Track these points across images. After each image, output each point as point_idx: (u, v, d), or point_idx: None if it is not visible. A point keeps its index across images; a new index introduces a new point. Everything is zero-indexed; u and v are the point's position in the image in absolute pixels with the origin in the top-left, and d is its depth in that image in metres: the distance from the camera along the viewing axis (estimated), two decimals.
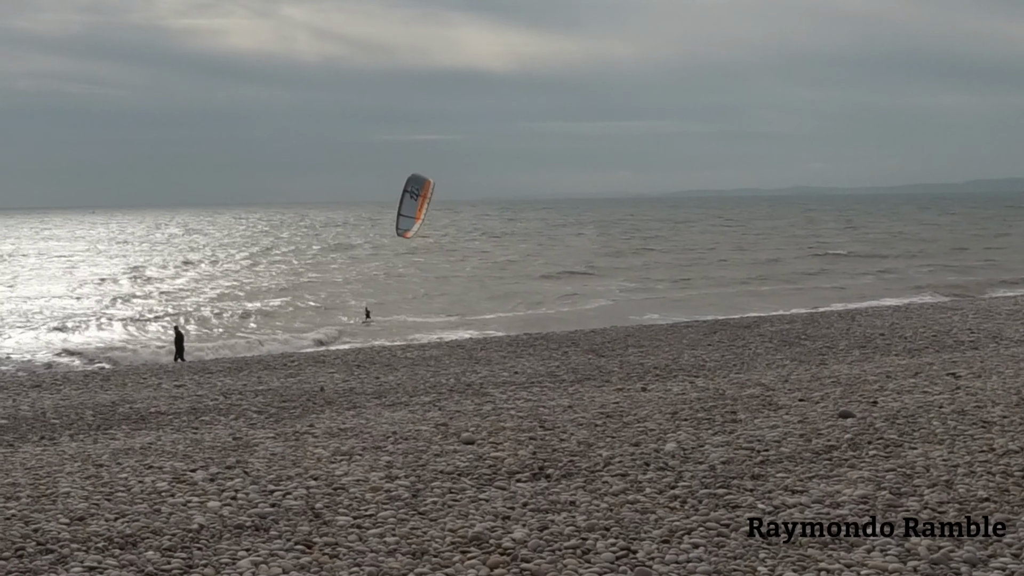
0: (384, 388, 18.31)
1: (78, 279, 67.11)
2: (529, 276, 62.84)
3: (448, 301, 49.14)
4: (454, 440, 12.29)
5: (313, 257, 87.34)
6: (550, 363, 21.36)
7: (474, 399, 16.49)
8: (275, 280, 63.42)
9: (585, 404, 15.07)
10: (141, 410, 16.69)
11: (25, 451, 13.24)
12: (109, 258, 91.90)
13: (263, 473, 10.74)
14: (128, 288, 60.28)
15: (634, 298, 49.56)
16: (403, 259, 78.38)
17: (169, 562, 7.94)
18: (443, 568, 7.75)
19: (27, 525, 8.98)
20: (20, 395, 19.19)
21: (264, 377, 20.66)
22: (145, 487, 10.30)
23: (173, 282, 64.20)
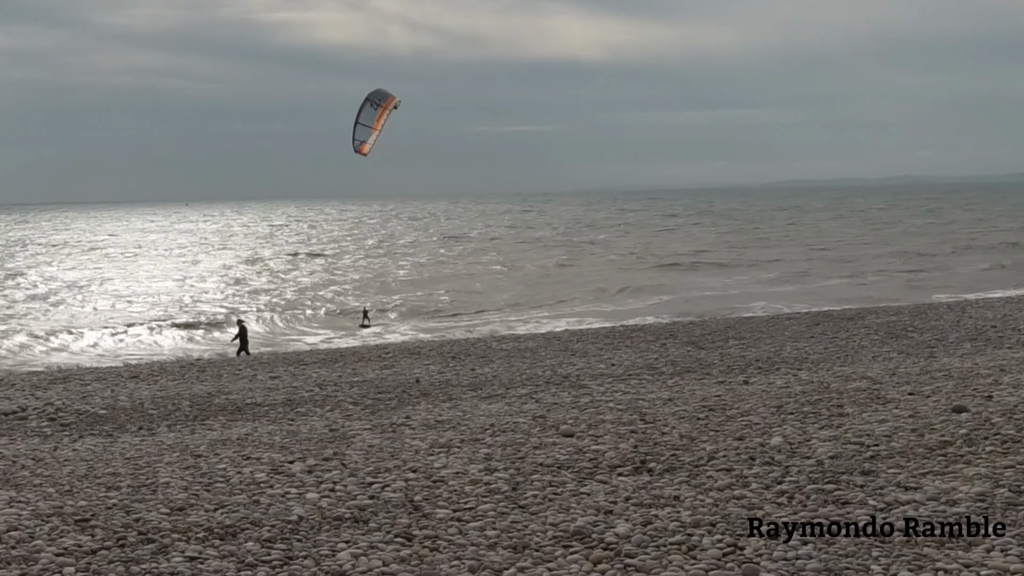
0: (480, 380, 18.34)
1: (198, 271, 67.84)
2: (640, 267, 62.46)
3: (551, 292, 48.88)
4: (553, 433, 12.25)
5: (432, 249, 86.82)
6: (648, 355, 21.22)
7: (571, 391, 16.44)
8: (406, 272, 62.86)
9: (686, 397, 14.94)
10: (237, 401, 16.90)
11: (124, 441, 13.48)
12: (223, 250, 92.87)
13: (361, 465, 10.80)
14: (254, 280, 60.75)
15: (744, 290, 48.99)
16: (518, 250, 77.78)
17: (269, 553, 8.01)
18: (545, 563, 7.71)
19: (128, 515, 9.13)
20: (118, 386, 19.56)
21: (359, 368, 20.82)
22: (243, 478, 10.43)
23: (292, 274, 64.62)
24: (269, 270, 69.31)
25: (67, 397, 18.02)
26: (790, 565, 7.45)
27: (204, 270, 69.26)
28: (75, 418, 15.71)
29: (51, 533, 8.63)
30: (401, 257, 77.90)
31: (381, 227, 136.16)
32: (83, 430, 14.66)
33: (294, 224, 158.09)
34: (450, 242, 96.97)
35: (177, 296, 51.69)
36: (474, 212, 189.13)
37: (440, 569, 7.60)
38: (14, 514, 9.21)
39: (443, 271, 64.51)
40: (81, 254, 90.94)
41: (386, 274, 63.07)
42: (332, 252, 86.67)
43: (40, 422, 15.47)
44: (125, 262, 78.32)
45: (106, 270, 70.45)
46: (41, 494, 10.04)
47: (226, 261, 76.86)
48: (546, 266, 65.58)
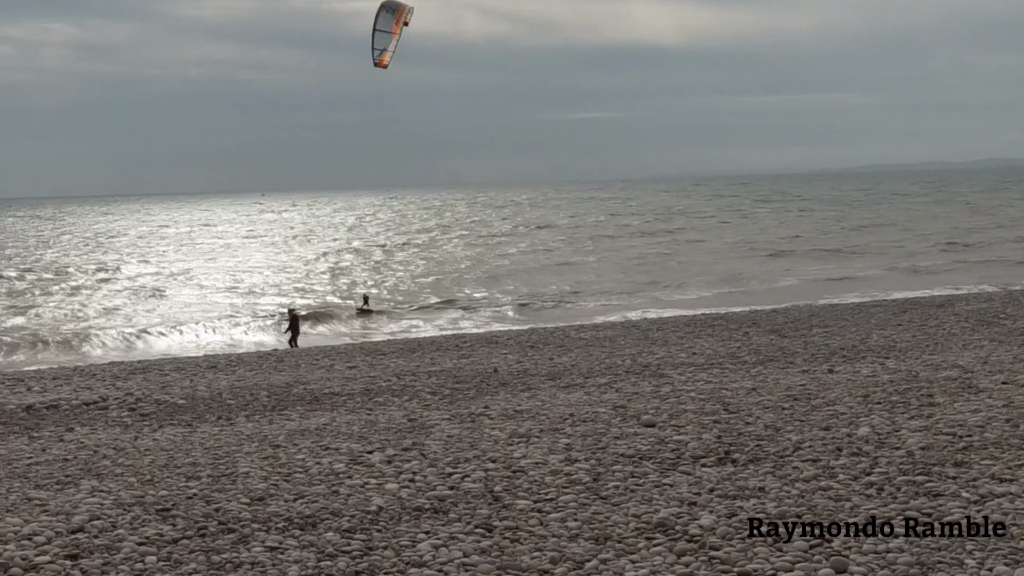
0: (558, 369, 18.31)
1: (289, 261, 68.04)
2: (732, 255, 61.75)
3: (636, 282, 48.54)
4: (634, 423, 12.20)
5: (526, 237, 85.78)
6: (730, 344, 21.04)
7: (652, 381, 16.34)
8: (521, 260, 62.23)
9: (769, 386, 14.79)
10: (315, 391, 17.03)
11: (203, 431, 13.65)
12: (312, 240, 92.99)
13: (440, 455, 10.84)
14: (351, 269, 60.85)
15: (834, 277, 48.31)
16: (614, 238, 76.83)
17: (349, 544, 8.07)
18: (628, 554, 7.68)
19: (208, 504, 9.25)
20: (197, 376, 19.82)
21: (436, 358, 20.89)
22: (322, 468, 10.51)
23: (391, 263, 64.59)
24: (365, 259, 68.98)
25: (146, 387, 18.29)
26: (880, 558, 7.34)
27: (295, 260, 69.26)
28: (155, 408, 15.93)
29: (133, 522, 8.78)
30: (497, 246, 77.09)
31: (468, 215, 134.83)
32: (162, 420, 14.87)
33: (380, 213, 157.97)
34: (543, 231, 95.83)
35: (265, 286, 52.09)
36: (558, 200, 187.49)
37: (521, 560, 7.60)
38: (96, 503, 9.39)
39: (547, 259, 63.46)
40: (167, 244, 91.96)
41: (485, 262, 62.52)
42: (423, 241, 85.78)
43: (121, 412, 15.71)
44: (214, 253, 78.88)
45: (196, 261, 71.11)
46: (123, 483, 10.21)
47: (318, 250, 76.93)
48: (644, 255, 64.67)
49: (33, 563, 7.80)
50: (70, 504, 9.39)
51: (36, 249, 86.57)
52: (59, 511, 9.16)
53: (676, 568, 7.42)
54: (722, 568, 7.39)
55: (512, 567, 7.50)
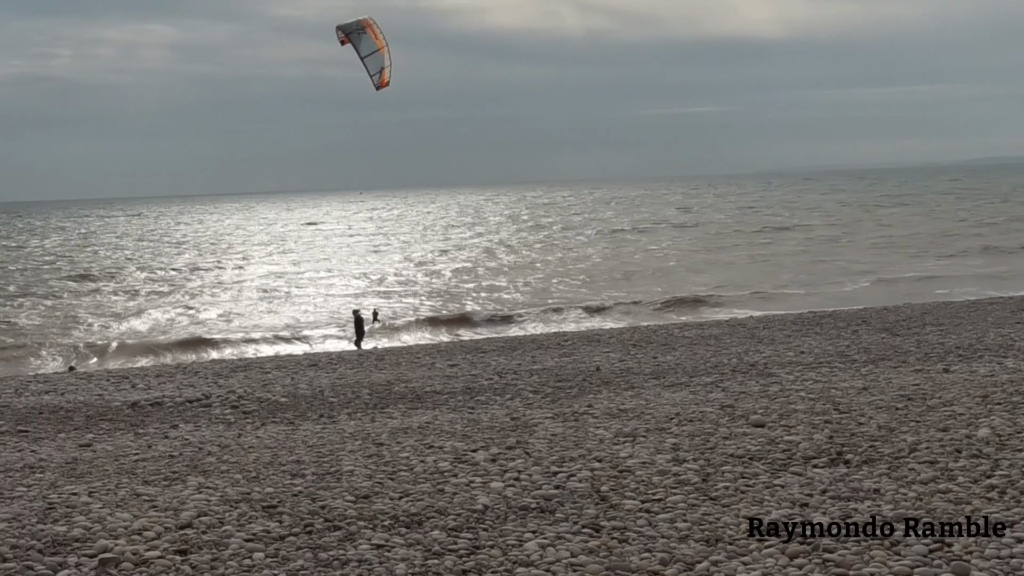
0: (662, 368, 18.24)
1: (399, 260, 67.85)
2: (847, 251, 60.44)
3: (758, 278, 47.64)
4: (742, 422, 12.12)
5: (655, 235, 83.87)
6: (839, 342, 20.77)
7: (759, 380, 16.20)
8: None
9: (881, 386, 14.58)
10: (416, 389, 17.18)
11: (306, 429, 13.85)
12: (421, 239, 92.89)
13: (545, 454, 10.88)
14: (468, 268, 60.40)
15: (953, 274, 47.19)
16: (753, 236, 75.00)
17: (456, 542, 8.14)
18: (739, 556, 7.64)
19: (314, 502, 9.40)
20: (298, 374, 20.11)
21: (538, 356, 20.94)
22: (427, 467, 10.61)
23: (512, 262, 63.97)
24: (491, 256, 68.26)
25: (248, 385, 18.61)
26: (1004, 564, 7.21)
27: (406, 258, 68.71)
28: (257, 406, 16.20)
29: (239, 519, 8.95)
30: (625, 244, 75.54)
31: (583, 212, 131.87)
32: (265, 418, 15.11)
33: (487, 209, 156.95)
34: (672, 228, 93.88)
35: (377, 284, 52.31)
36: (668, 195, 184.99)
37: (630, 561, 7.60)
38: (203, 500, 9.59)
39: (688, 259, 61.45)
40: (276, 243, 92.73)
41: (618, 260, 61.08)
42: (548, 238, 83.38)
43: (223, 409, 16.00)
44: (323, 251, 79.29)
45: (307, 260, 71.60)
46: (228, 480, 10.41)
47: (429, 248, 76.67)
48: (778, 253, 62.68)
49: (144, 558, 7.99)
50: (178, 500, 9.60)
51: (151, 248, 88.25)
52: (167, 507, 9.37)
53: (789, 570, 7.37)
54: (837, 571, 7.32)
55: (621, 568, 7.50)
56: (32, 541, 8.47)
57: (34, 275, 61.16)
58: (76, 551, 8.22)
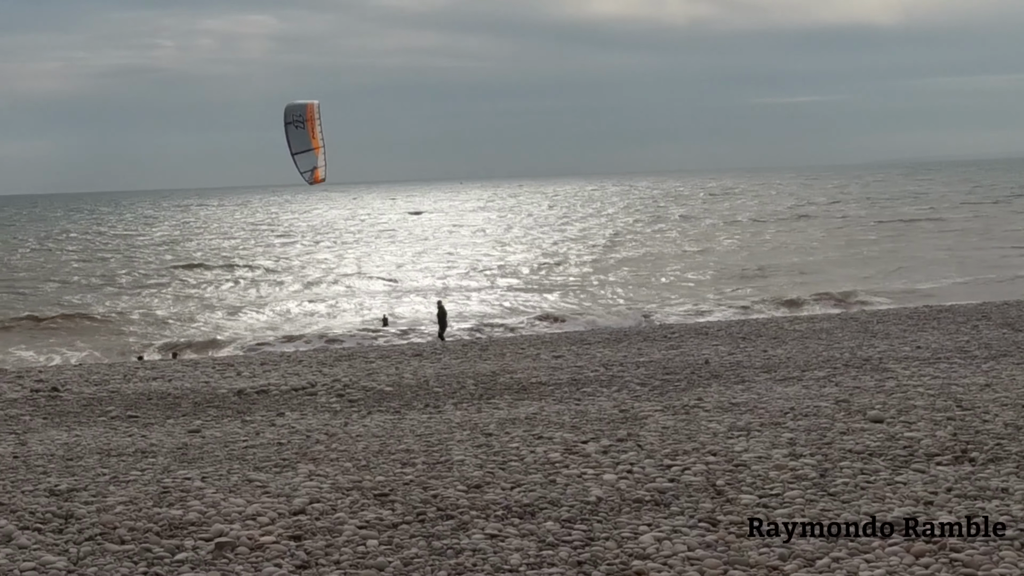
0: (773, 362, 18.07)
1: (524, 249, 67.62)
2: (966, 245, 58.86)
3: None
4: (860, 418, 11.96)
5: (779, 224, 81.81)
6: (958, 337, 20.39)
7: (874, 375, 15.97)
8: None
9: (1005, 383, 14.28)
10: (522, 380, 17.23)
11: (412, 418, 13.97)
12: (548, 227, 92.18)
13: (657, 447, 10.85)
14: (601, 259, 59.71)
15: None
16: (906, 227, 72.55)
17: (569, 534, 8.15)
18: (862, 553, 7.53)
19: (426, 491, 9.48)
20: (402, 364, 20.30)
21: (644, 348, 20.88)
22: (537, 457, 10.64)
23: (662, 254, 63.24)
24: (623, 246, 67.17)
25: (353, 374, 18.84)
26: None
27: (530, 249, 67.88)
28: (362, 395, 16.38)
29: (352, 506, 9.06)
30: (760, 235, 73.65)
31: (702, 204, 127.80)
32: (371, 406, 15.27)
33: (599, 200, 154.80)
34: (799, 219, 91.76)
35: (505, 276, 52.07)
36: (784, 186, 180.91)
37: (749, 556, 7.55)
38: (315, 487, 9.73)
39: (826, 250, 59.77)
40: (388, 232, 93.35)
41: (758, 252, 59.87)
42: (681, 230, 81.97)
43: (329, 398, 16.21)
44: (431, 241, 79.51)
45: (420, 248, 71.87)
46: (339, 468, 10.54)
47: (552, 239, 75.63)
48: (917, 244, 60.53)
49: (259, 543, 8.13)
50: (289, 487, 9.75)
51: (260, 238, 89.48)
52: (279, 493, 9.52)
53: (914, 569, 7.25)
54: (965, 572, 7.19)
55: (740, 562, 7.45)
56: (149, 524, 8.67)
57: (146, 264, 62.48)
58: (192, 535, 8.39)
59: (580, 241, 71.59)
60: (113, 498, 9.53)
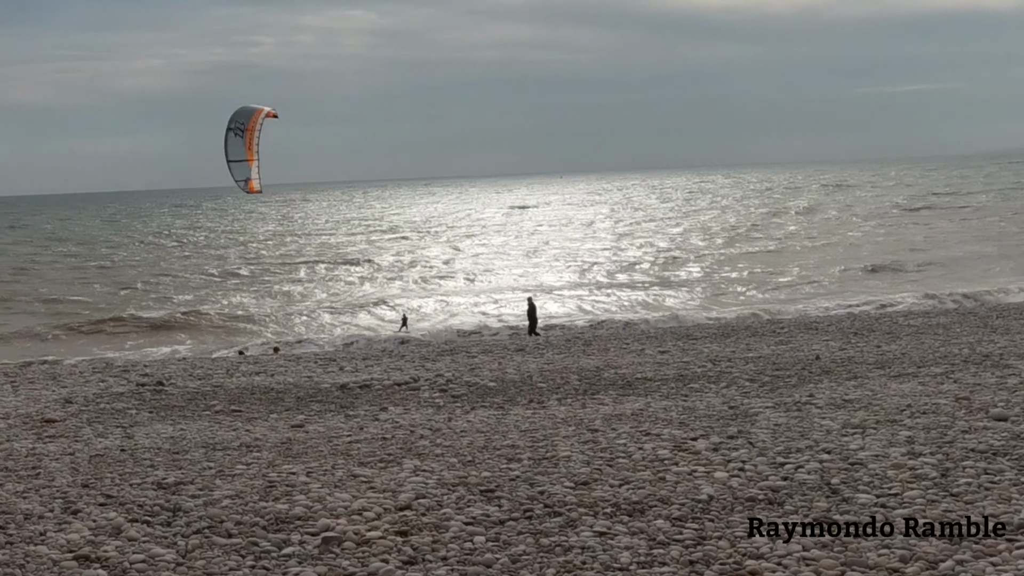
0: (887, 358, 17.75)
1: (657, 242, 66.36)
2: None
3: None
4: (982, 416, 11.68)
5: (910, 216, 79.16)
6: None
7: (994, 371, 15.59)
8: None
9: None
10: (627, 375, 17.13)
11: (516, 414, 13.95)
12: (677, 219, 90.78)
13: (769, 444, 10.71)
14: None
15: None
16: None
17: (680, 532, 8.07)
18: (987, 556, 7.34)
19: (532, 487, 9.46)
20: (505, 359, 20.32)
21: (753, 344, 20.66)
22: (645, 454, 10.56)
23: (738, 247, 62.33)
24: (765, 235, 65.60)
25: (455, 369, 18.90)
26: None
27: (648, 243, 66.60)
28: (465, 390, 16.41)
29: (458, 502, 9.07)
30: (900, 226, 71.35)
31: (829, 195, 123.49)
32: (474, 402, 15.29)
33: (710, 193, 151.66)
34: (922, 210, 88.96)
35: (615, 268, 51.57)
36: (903, 176, 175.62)
37: (867, 557, 7.39)
38: (420, 482, 9.76)
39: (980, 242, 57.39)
40: (493, 228, 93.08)
41: (904, 244, 57.79)
42: (792, 224, 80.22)
43: (432, 393, 16.26)
44: (542, 236, 78.97)
45: (528, 243, 71.53)
46: (444, 464, 10.57)
47: (679, 230, 74.26)
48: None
49: (365, 538, 8.17)
50: (395, 482, 9.79)
51: (366, 232, 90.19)
52: (385, 488, 9.57)
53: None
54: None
55: (858, 564, 7.30)
56: (256, 518, 8.77)
57: (257, 260, 63.31)
58: (299, 529, 8.47)
59: (697, 234, 70.69)
60: (219, 492, 9.67)
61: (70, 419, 14.86)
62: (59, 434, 13.65)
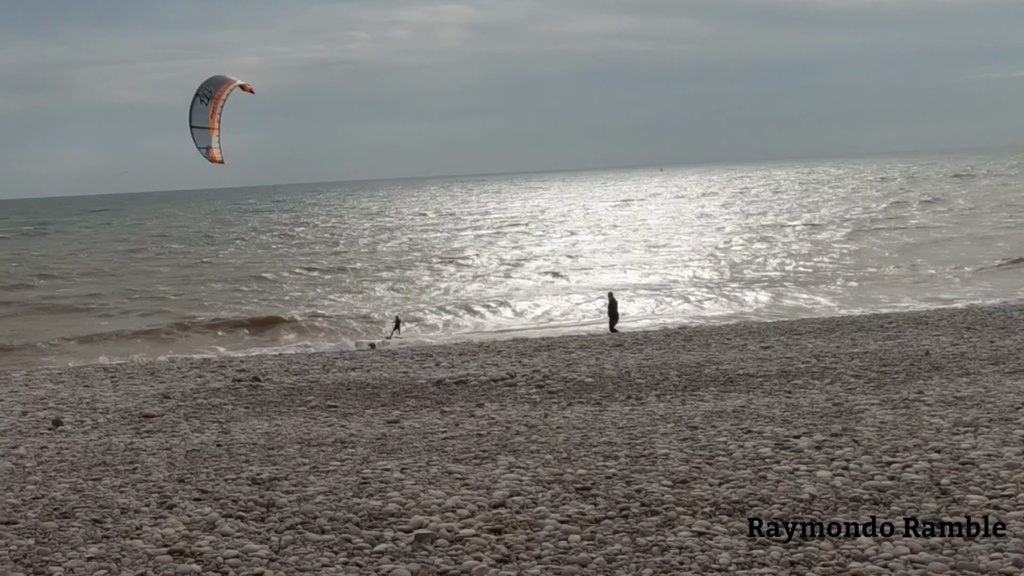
0: (1001, 353, 17.34)
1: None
2: None
3: None
4: None
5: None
6: None
7: None
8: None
9: None
10: (728, 371, 16.96)
11: (614, 410, 13.88)
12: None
13: (875, 443, 10.51)
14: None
15: None
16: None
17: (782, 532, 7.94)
18: None
19: (629, 485, 9.39)
20: (603, 354, 20.24)
21: (858, 339, 20.33)
22: (746, 452, 10.43)
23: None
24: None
25: (552, 365, 18.86)
26: None
27: (796, 239, 64.97)
28: (562, 385, 16.36)
29: (553, 500, 9.03)
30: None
31: (956, 186, 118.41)
32: (571, 398, 15.24)
33: (831, 183, 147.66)
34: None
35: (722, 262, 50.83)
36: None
37: (979, 561, 7.21)
38: (515, 479, 9.74)
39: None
40: (603, 224, 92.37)
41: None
42: (922, 215, 77.74)
43: (528, 389, 16.24)
44: (649, 231, 78.23)
45: (635, 238, 71.02)
46: (539, 460, 10.54)
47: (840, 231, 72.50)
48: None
49: (458, 535, 8.17)
50: (489, 479, 9.79)
51: (471, 228, 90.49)
52: (479, 485, 9.57)
53: None
54: None
55: (968, 567, 7.13)
56: (349, 514, 8.82)
57: (369, 256, 63.83)
58: (392, 526, 8.49)
59: (819, 228, 69.40)
60: (313, 488, 9.74)
61: (167, 414, 15.11)
62: (156, 429, 13.89)
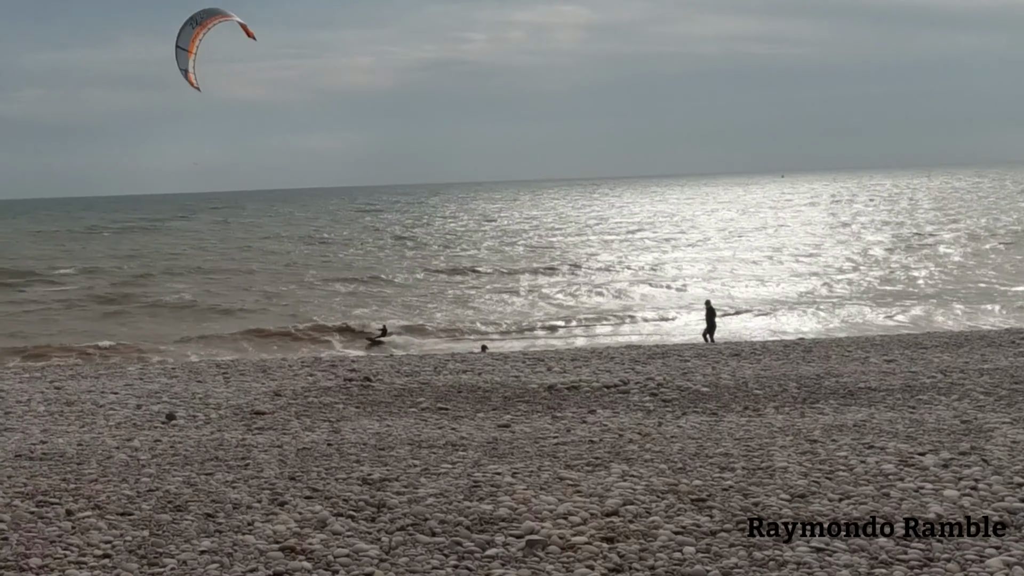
0: None
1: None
2: None
3: None
4: None
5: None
6: None
7: None
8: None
9: None
10: (848, 384, 16.71)
11: (730, 421, 13.76)
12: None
13: (1006, 463, 10.28)
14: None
15: None
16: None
17: (906, 552, 7.82)
18: None
19: (746, 498, 9.29)
20: (719, 364, 20.06)
21: (988, 354, 19.89)
22: (868, 468, 10.27)
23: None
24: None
25: (667, 373, 18.74)
26: None
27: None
28: (677, 394, 16.26)
29: (667, 510, 8.98)
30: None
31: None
32: (686, 407, 15.14)
33: (976, 191, 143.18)
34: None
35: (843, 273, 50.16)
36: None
37: None
38: (628, 488, 9.70)
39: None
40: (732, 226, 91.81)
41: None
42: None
43: (642, 396, 16.17)
44: (775, 239, 77.79)
45: (771, 244, 70.48)
46: (653, 470, 10.48)
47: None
48: None
49: (570, 542, 8.16)
50: (602, 487, 9.76)
51: (603, 235, 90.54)
52: (591, 493, 9.55)
53: None
54: None
55: None
56: (460, 518, 8.86)
57: (498, 262, 64.18)
58: (503, 531, 8.52)
59: (962, 242, 67.95)
60: (424, 490, 9.80)
61: (278, 412, 15.32)
62: (268, 426, 14.10)
